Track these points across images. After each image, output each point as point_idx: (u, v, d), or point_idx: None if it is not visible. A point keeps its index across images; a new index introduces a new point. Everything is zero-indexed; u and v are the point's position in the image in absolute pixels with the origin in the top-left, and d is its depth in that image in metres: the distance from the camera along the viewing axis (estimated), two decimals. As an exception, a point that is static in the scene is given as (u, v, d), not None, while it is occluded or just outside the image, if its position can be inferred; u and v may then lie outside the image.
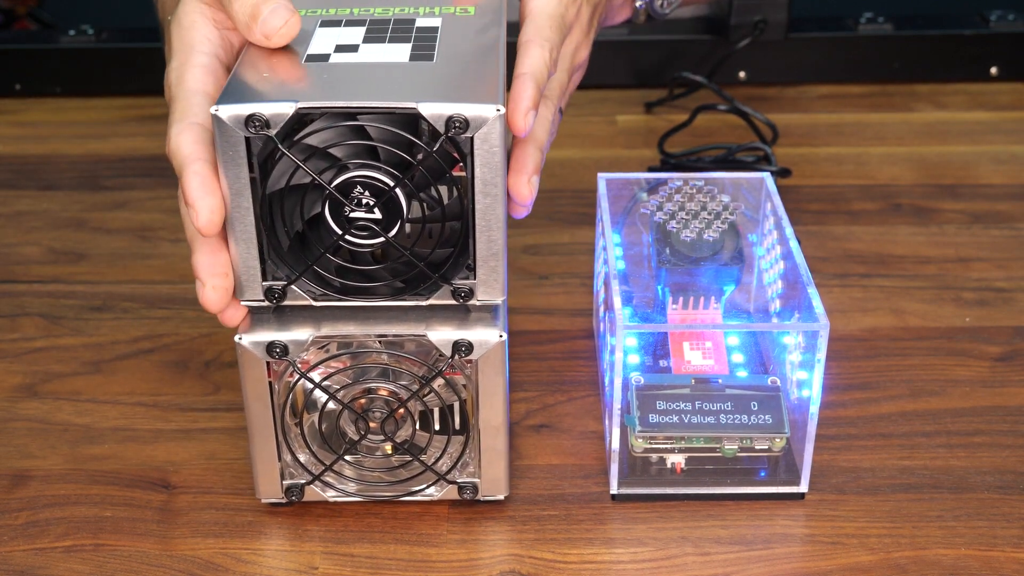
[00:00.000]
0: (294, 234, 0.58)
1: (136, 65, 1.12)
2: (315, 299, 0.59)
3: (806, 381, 0.63)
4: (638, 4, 0.79)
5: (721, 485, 0.65)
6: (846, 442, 0.69)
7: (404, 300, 0.60)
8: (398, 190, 0.56)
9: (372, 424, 0.62)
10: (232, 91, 0.57)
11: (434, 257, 0.58)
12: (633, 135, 1.04)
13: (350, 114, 0.56)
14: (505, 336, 0.60)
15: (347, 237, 0.57)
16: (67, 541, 0.63)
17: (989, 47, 1.11)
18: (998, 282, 0.84)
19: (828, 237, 0.89)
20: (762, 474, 0.66)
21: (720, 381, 0.66)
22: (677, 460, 0.66)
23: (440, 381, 0.61)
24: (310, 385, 0.61)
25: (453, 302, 0.59)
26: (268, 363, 0.60)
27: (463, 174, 0.57)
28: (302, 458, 0.63)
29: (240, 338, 0.60)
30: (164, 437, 0.71)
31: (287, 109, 0.55)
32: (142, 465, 0.69)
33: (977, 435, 0.70)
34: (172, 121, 0.60)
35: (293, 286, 0.59)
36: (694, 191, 0.74)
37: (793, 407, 0.65)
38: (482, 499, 0.64)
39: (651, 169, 0.97)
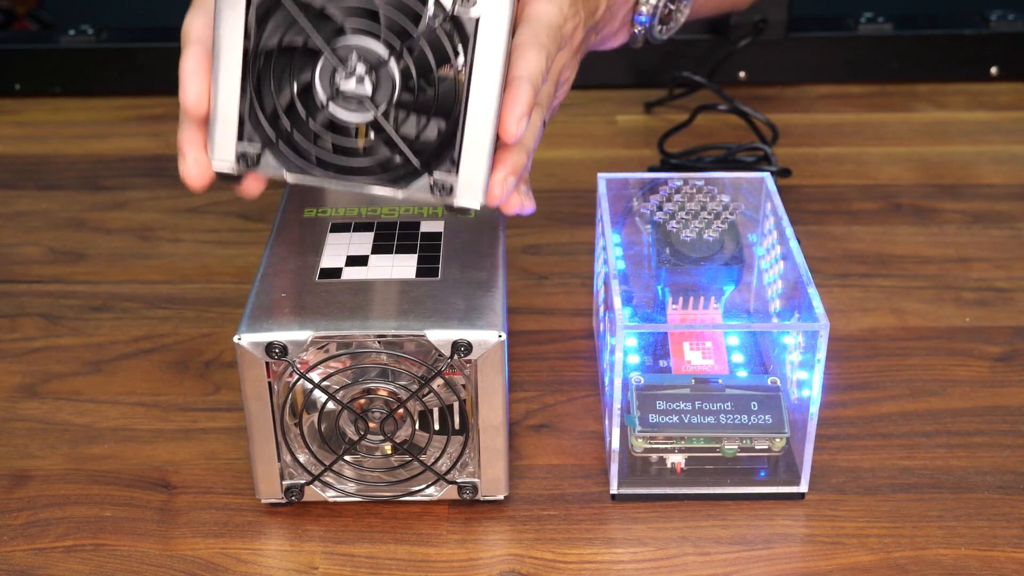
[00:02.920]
0: (279, 99, 0.56)
1: (136, 65, 1.12)
2: (288, 170, 0.57)
3: (806, 381, 0.63)
4: (636, 30, 0.79)
5: (721, 485, 0.65)
6: (846, 442, 0.69)
7: (379, 186, 0.58)
8: (393, 64, 0.55)
9: (371, 424, 0.62)
10: None
11: (419, 145, 0.57)
12: (633, 135, 1.04)
13: None
14: (504, 336, 0.60)
15: (333, 107, 0.55)
16: (67, 541, 0.63)
17: (989, 47, 1.12)
18: (998, 282, 0.84)
19: (828, 237, 0.89)
20: (762, 474, 0.66)
21: (720, 381, 0.66)
22: (677, 460, 0.66)
23: (439, 381, 0.61)
24: (309, 385, 0.61)
25: (428, 196, 0.57)
26: (267, 363, 0.60)
27: (460, 74, 0.55)
28: (302, 458, 0.63)
29: (239, 338, 0.60)
30: (164, 437, 0.71)
31: None
32: (142, 465, 0.69)
33: (977, 435, 0.70)
34: (192, 5, 0.62)
35: (268, 152, 0.57)
36: (694, 191, 0.74)
37: (793, 407, 0.65)
38: (482, 499, 0.64)
39: (651, 169, 0.97)
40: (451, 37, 0.55)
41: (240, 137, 0.57)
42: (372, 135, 0.57)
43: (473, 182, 0.57)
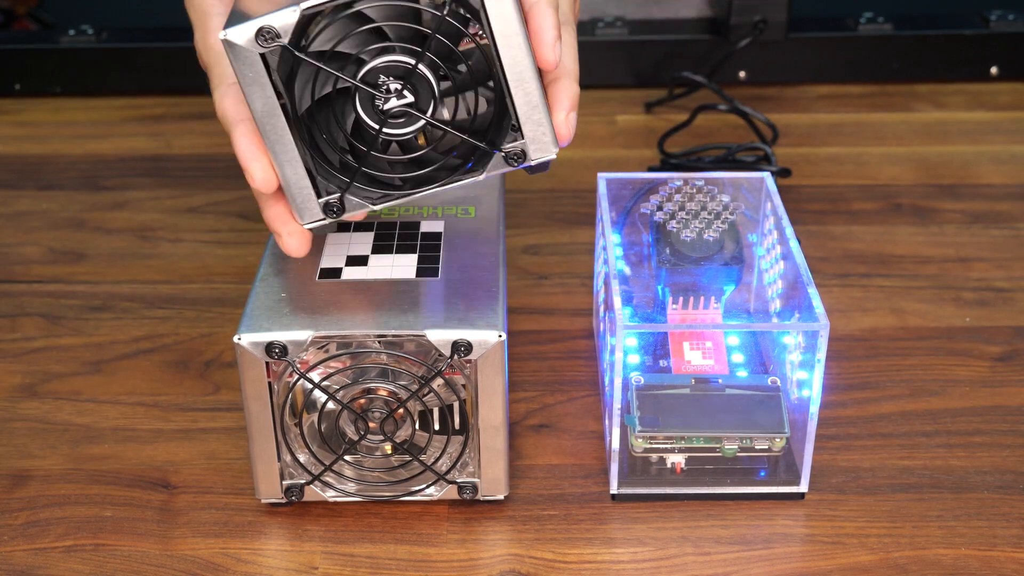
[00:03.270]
0: (338, 146, 0.58)
1: (136, 65, 1.12)
2: (374, 202, 0.59)
3: (806, 381, 0.63)
4: None
5: (721, 485, 0.65)
6: (846, 442, 0.69)
7: (461, 179, 0.59)
8: (422, 66, 0.56)
9: (371, 424, 0.62)
10: (236, 15, 0.57)
11: (477, 126, 0.58)
12: (633, 135, 1.04)
13: (351, 3, 0.55)
14: (504, 336, 0.60)
15: (385, 129, 0.57)
16: (67, 541, 0.63)
17: (989, 47, 1.11)
18: (998, 282, 0.84)
19: (828, 237, 0.89)
20: (762, 474, 0.66)
21: (720, 381, 0.66)
22: (677, 460, 0.66)
23: (439, 381, 0.61)
24: (309, 385, 0.61)
25: (507, 168, 0.59)
26: (267, 363, 0.60)
27: (484, 40, 0.56)
28: (301, 458, 0.63)
29: (239, 338, 0.60)
30: (164, 437, 0.71)
31: (292, 16, 0.55)
32: (142, 465, 0.69)
33: (977, 435, 0.70)
34: (213, 87, 0.61)
35: (348, 195, 0.59)
36: (694, 191, 0.74)
37: (793, 407, 0.65)
38: (482, 499, 0.64)
39: (651, 169, 0.97)
40: (461, 17, 0.56)
41: (318, 195, 0.59)
42: (432, 137, 0.58)
43: (541, 137, 0.58)
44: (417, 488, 0.64)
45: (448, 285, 0.63)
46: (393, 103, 0.56)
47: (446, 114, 0.58)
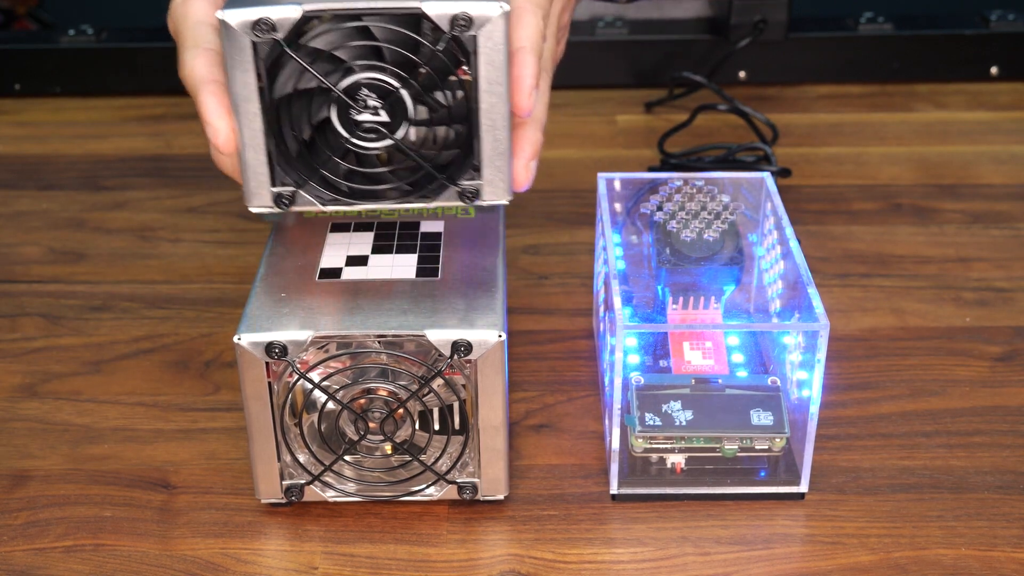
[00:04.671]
0: (302, 139, 0.58)
1: (136, 65, 1.12)
2: (323, 204, 0.60)
3: (806, 381, 0.63)
4: None
5: (721, 485, 0.65)
6: (846, 442, 0.69)
7: (410, 202, 0.60)
8: (404, 91, 0.57)
9: (371, 424, 0.62)
10: None
11: (440, 159, 0.59)
12: (633, 135, 1.04)
13: (355, 16, 0.56)
14: (504, 336, 0.60)
15: (354, 140, 0.58)
16: (67, 541, 0.63)
17: (989, 47, 1.12)
18: (998, 282, 0.84)
19: (828, 237, 0.89)
20: (762, 474, 0.66)
21: (720, 381, 0.66)
22: (677, 460, 0.66)
23: (439, 381, 0.61)
24: (309, 385, 0.61)
25: (458, 203, 0.60)
26: (267, 363, 0.60)
27: (467, 77, 0.57)
28: (301, 458, 0.63)
29: (239, 338, 0.60)
30: (164, 437, 0.71)
31: (293, 13, 0.55)
32: (142, 465, 0.69)
33: (977, 435, 0.70)
34: (183, 48, 0.61)
35: (301, 191, 0.59)
36: (694, 191, 0.74)
37: (793, 407, 0.65)
38: (482, 499, 0.64)
39: (651, 169, 0.97)
40: (453, 55, 0.57)
41: (273, 183, 0.59)
42: (395, 159, 0.59)
43: (499, 183, 0.59)
44: (417, 488, 0.64)
45: (448, 285, 0.63)
46: (367, 117, 0.57)
47: (412, 136, 0.59)
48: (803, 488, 0.65)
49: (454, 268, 0.65)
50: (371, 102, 0.57)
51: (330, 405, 0.62)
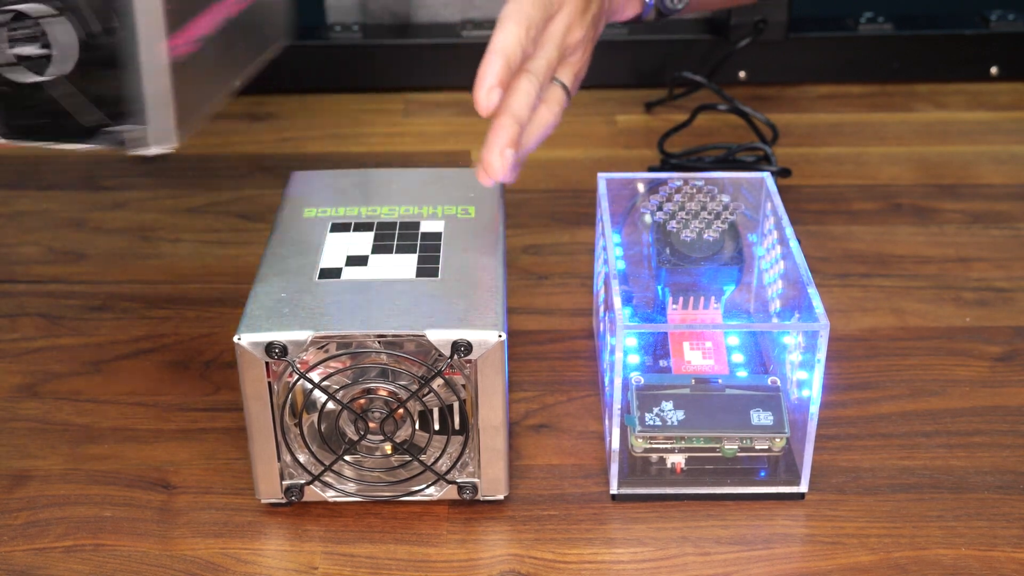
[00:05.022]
0: None
1: (136, 65, 1.12)
2: None
3: (806, 381, 0.63)
4: (647, 0, 0.79)
5: (721, 485, 0.65)
6: (846, 442, 0.69)
7: (67, 143, 0.57)
8: (67, 22, 0.53)
9: (371, 424, 0.62)
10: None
11: (103, 100, 0.56)
12: (633, 135, 1.04)
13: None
14: (504, 336, 0.60)
15: (10, 73, 0.54)
16: (67, 541, 0.63)
17: (989, 47, 1.11)
18: (998, 282, 0.84)
19: (828, 237, 0.89)
20: (762, 474, 0.66)
21: (720, 381, 0.66)
22: (677, 460, 0.66)
23: (439, 381, 0.61)
24: (309, 385, 0.61)
25: (119, 149, 0.57)
26: (267, 363, 0.60)
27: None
28: (301, 458, 0.63)
29: (239, 338, 0.60)
30: (164, 437, 0.71)
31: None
32: (142, 465, 0.69)
33: (977, 435, 0.70)
34: None
35: None
36: (694, 191, 0.74)
37: (793, 407, 0.65)
38: (482, 499, 0.64)
39: (651, 169, 0.97)
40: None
41: None
42: (55, 93, 0.56)
43: (163, 129, 0.57)
44: (417, 488, 0.64)
45: (448, 285, 0.63)
46: (25, 51, 0.54)
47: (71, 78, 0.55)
48: (803, 488, 0.65)
49: (454, 268, 0.65)
50: (27, 31, 0.54)
51: (330, 405, 0.62)
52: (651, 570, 0.61)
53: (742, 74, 1.11)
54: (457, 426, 0.63)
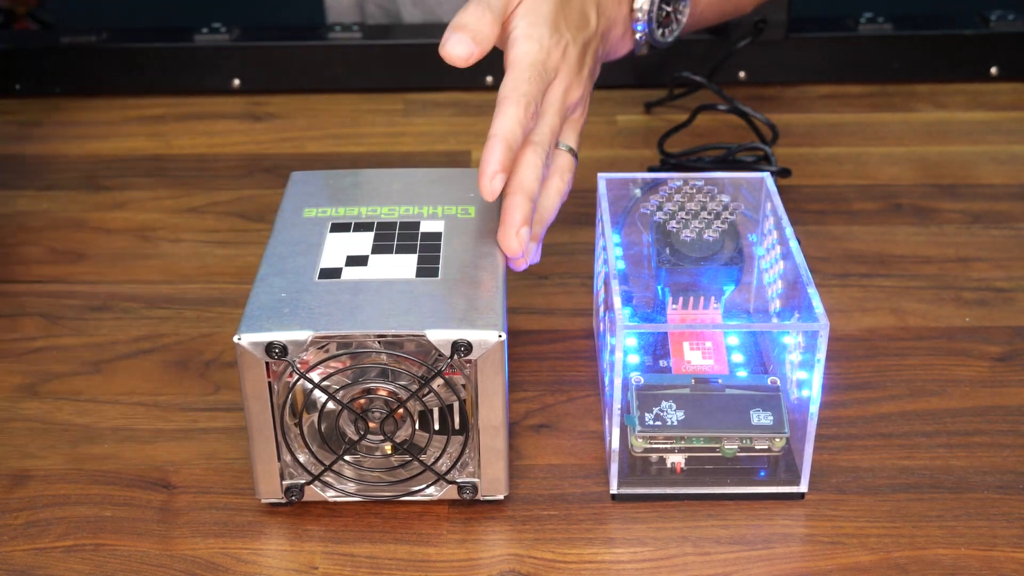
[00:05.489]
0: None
1: (136, 65, 1.12)
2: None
3: (806, 381, 0.63)
4: (638, 36, 0.80)
5: (721, 485, 0.65)
6: (846, 442, 0.69)
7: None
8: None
9: (371, 424, 0.62)
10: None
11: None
12: (633, 135, 1.04)
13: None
14: (504, 336, 0.60)
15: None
16: (67, 541, 0.63)
17: (989, 47, 1.11)
18: (998, 282, 0.84)
19: (828, 237, 0.89)
20: (762, 474, 0.66)
21: (720, 381, 0.66)
22: (677, 460, 0.66)
23: (439, 381, 0.61)
24: (309, 385, 0.61)
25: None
26: (267, 363, 0.60)
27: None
28: (301, 458, 0.63)
29: (239, 338, 0.60)
30: (164, 437, 0.71)
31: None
32: (142, 465, 0.69)
33: (977, 435, 0.70)
34: None
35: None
36: (694, 191, 0.74)
37: (793, 407, 0.65)
38: (482, 499, 0.64)
39: (651, 169, 0.97)
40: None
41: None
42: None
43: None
44: (417, 488, 0.64)
45: (448, 285, 0.63)
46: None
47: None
48: (803, 488, 0.65)
49: (454, 268, 0.65)
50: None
51: (330, 405, 0.62)
52: (651, 570, 0.61)
53: (742, 74, 1.11)
54: (457, 426, 0.63)
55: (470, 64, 0.67)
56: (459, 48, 0.66)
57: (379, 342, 0.60)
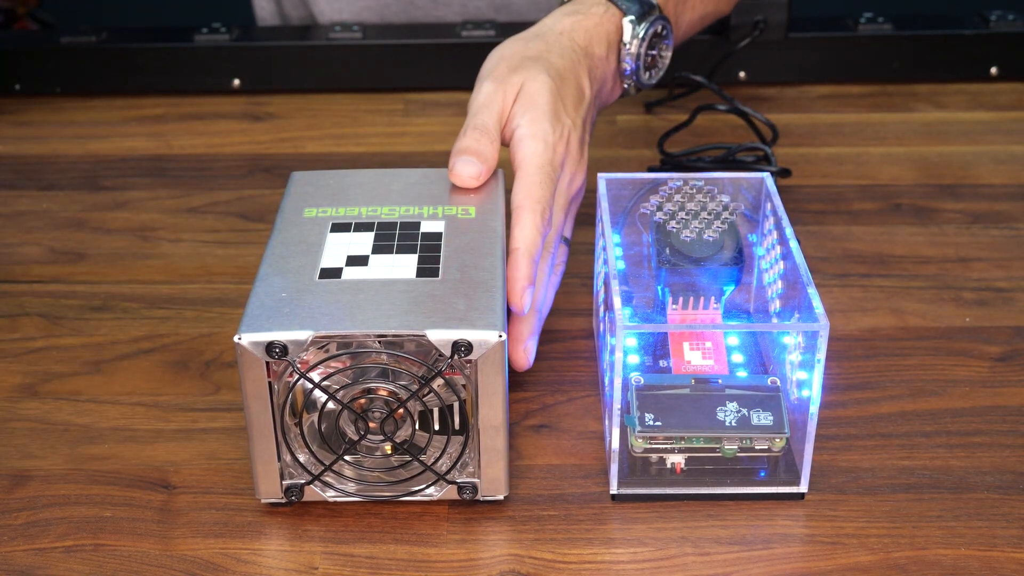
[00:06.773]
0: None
1: (136, 65, 1.12)
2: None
3: (806, 381, 0.63)
4: (626, 85, 0.82)
5: (721, 485, 0.65)
6: (846, 442, 0.69)
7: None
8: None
9: (372, 424, 0.62)
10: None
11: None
12: (633, 135, 1.04)
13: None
14: (504, 336, 0.60)
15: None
16: (67, 541, 0.63)
17: (989, 47, 1.11)
18: (998, 282, 0.84)
19: (828, 237, 0.89)
20: (762, 474, 0.66)
21: (720, 381, 0.66)
22: (677, 460, 0.66)
23: (439, 381, 0.61)
24: (309, 385, 0.61)
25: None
26: (267, 363, 0.60)
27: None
28: (302, 458, 0.63)
29: (239, 338, 0.60)
30: (164, 437, 0.71)
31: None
32: (142, 465, 0.69)
33: (977, 435, 0.70)
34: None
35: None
36: (694, 191, 0.74)
37: (793, 407, 0.65)
38: (482, 499, 0.64)
39: (651, 169, 0.97)
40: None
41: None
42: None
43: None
44: (417, 488, 0.64)
45: (448, 285, 0.63)
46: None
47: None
48: (803, 488, 0.65)
49: (454, 268, 0.65)
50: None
51: (330, 405, 0.62)
52: (651, 570, 0.61)
53: (742, 74, 1.11)
54: (457, 426, 0.63)
55: (481, 183, 0.71)
56: (468, 168, 0.70)
57: (379, 342, 0.60)
